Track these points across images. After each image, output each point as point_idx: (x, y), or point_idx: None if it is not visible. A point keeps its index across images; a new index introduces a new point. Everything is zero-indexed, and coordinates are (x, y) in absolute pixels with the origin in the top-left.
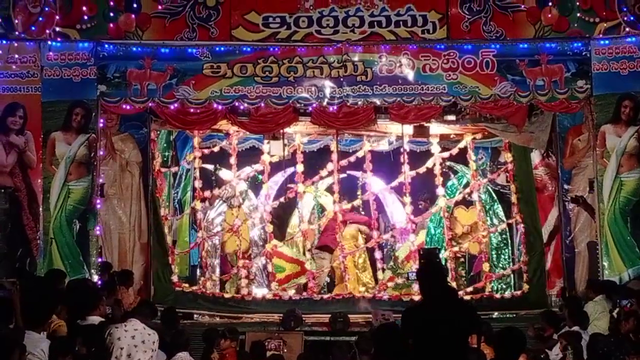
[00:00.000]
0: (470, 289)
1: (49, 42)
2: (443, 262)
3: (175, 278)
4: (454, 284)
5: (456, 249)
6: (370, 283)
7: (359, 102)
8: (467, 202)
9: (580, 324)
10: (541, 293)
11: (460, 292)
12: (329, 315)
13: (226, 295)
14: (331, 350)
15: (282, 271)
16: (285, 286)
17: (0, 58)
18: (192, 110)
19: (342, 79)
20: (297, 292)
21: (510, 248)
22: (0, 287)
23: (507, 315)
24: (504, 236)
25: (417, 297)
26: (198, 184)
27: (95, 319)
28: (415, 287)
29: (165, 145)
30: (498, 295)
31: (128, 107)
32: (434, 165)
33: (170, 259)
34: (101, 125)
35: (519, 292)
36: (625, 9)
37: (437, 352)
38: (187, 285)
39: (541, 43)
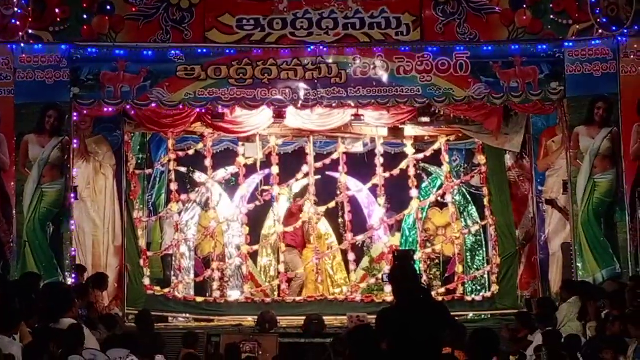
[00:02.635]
0: (442, 290)
1: (22, 45)
2: (417, 264)
3: (146, 281)
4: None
5: (429, 250)
6: (345, 284)
7: (334, 104)
8: (441, 204)
9: (550, 326)
10: (512, 294)
11: (433, 294)
12: (304, 318)
13: (198, 299)
14: (306, 352)
15: None
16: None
17: None
18: (166, 112)
19: (316, 81)
20: (269, 295)
21: (485, 249)
22: None
23: (482, 317)
24: (478, 237)
25: (389, 299)
26: (174, 186)
27: (67, 322)
28: (388, 288)
29: (139, 147)
30: (469, 298)
31: (102, 110)
32: (408, 167)
33: (142, 261)
34: (75, 118)
35: (489, 294)
36: (598, 11)
37: (411, 354)
38: (158, 288)
39: (515, 45)
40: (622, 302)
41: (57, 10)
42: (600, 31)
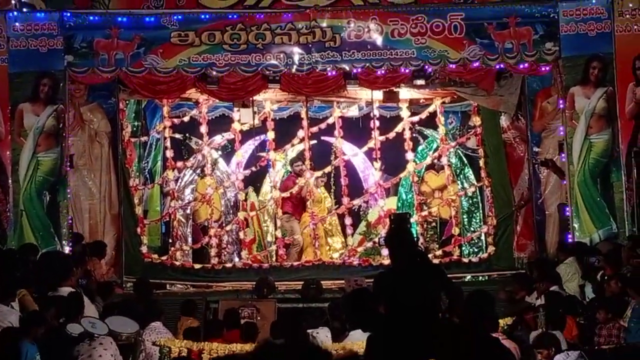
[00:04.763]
0: (439, 252)
1: (15, 13)
2: (414, 227)
3: (144, 249)
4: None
5: (426, 213)
6: (341, 249)
7: (328, 68)
8: (437, 167)
9: (556, 284)
10: (508, 256)
11: (430, 256)
12: (302, 282)
13: (196, 266)
14: (304, 317)
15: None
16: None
17: None
18: (160, 79)
19: (310, 45)
20: (266, 260)
21: (481, 211)
22: None
23: (480, 279)
24: (474, 199)
25: (387, 262)
26: (169, 153)
27: (65, 290)
28: (385, 252)
29: (134, 114)
30: (466, 259)
31: (96, 77)
32: (404, 130)
33: (139, 229)
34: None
35: (485, 255)
36: None
37: (408, 317)
38: (156, 256)
39: (509, 6)
40: (617, 261)
41: None
42: None
